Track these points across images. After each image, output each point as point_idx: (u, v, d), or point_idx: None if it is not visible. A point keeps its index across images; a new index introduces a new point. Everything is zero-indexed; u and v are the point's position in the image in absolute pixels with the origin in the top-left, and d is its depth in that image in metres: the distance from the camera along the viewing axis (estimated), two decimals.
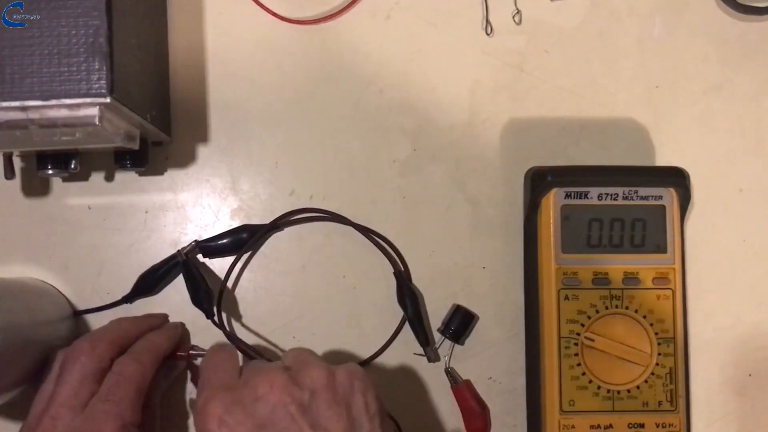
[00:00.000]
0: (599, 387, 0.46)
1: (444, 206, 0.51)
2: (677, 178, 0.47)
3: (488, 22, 0.51)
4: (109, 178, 0.50)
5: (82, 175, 0.49)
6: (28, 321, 0.44)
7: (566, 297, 0.46)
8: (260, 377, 0.38)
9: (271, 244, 0.50)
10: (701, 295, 0.50)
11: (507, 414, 0.50)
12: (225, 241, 0.49)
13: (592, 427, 0.46)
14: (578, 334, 0.46)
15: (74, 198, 0.50)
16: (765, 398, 0.51)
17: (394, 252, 0.50)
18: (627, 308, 0.47)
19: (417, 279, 0.50)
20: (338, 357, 0.50)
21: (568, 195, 0.47)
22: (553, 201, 0.47)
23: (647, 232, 0.47)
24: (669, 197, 0.47)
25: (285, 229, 0.50)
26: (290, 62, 0.51)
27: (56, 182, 0.50)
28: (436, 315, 0.50)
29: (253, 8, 0.50)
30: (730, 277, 0.51)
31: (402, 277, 0.49)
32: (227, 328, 0.49)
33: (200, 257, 0.50)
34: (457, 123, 0.51)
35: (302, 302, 0.50)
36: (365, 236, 0.50)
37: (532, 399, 0.48)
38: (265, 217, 0.50)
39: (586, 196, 0.47)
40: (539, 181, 0.47)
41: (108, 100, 0.38)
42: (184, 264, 0.48)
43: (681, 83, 0.51)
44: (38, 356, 0.43)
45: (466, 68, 0.51)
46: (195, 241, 0.49)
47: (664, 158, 0.51)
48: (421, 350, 0.49)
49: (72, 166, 0.44)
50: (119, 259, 0.49)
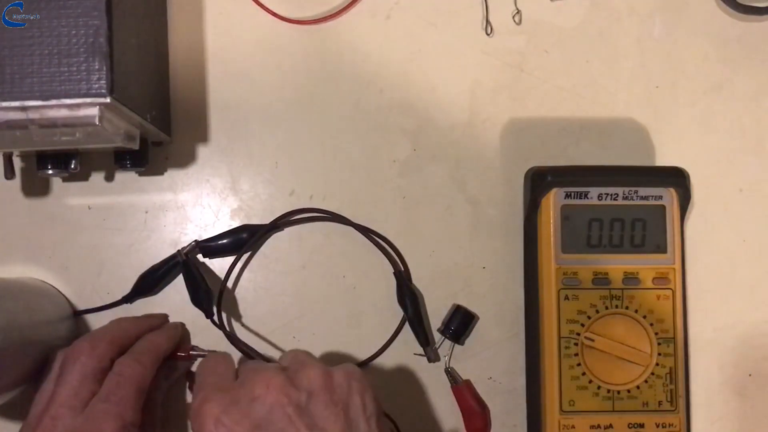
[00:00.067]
0: (599, 387, 0.46)
1: (444, 206, 0.51)
2: (677, 178, 0.47)
3: (488, 22, 0.51)
4: (109, 178, 0.50)
5: (82, 175, 0.49)
6: (28, 321, 0.44)
7: (566, 297, 0.46)
8: (257, 378, 0.38)
9: (271, 244, 0.50)
10: (701, 295, 0.50)
11: (507, 414, 0.50)
12: (225, 241, 0.49)
13: (592, 427, 0.46)
14: (578, 334, 0.46)
15: (74, 198, 0.50)
16: (765, 398, 0.51)
17: (394, 252, 0.50)
18: (627, 308, 0.47)
19: (417, 279, 0.50)
20: (338, 357, 0.50)
21: (568, 195, 0.47)
22: (553, 201, 0.47)
23: (647, 232, 0.47)
24: (669, 197, 0.47)
25: (285, 229, 0.50)
26: (290, 62, 0.51)
27: (56, 182, 0.50)
28: (436, 315, 0.50)
29: (253, 8, 0.50)
30: (730, 277, 0.51)
31: (402, 277, 0.49)
32: (227, 328, 0.49)
33: (200, 257, 0.50)
34: (457, 123, 0.51)
35: (302, 302, 0.50)
36: (365, 236, 0.50)
37: (532, 399, 0.48)
38: (265, 217, 0.50)
39: (586, 196, 0.47)
40: (539, 181, 0.47)
41: (108, 100, 0.38)
42: (184, 264, 0.48)
43: (681, 83, 0.51)
44: (38, 356, 0.43)
45: (466, 68, 0.51)
46: (195, 241, 0.49)
47: (664, 158, 0.51)
48: (421, 350, 0.49)
49: (72, 166, 0.44)
50: (119, 259, 0.49)
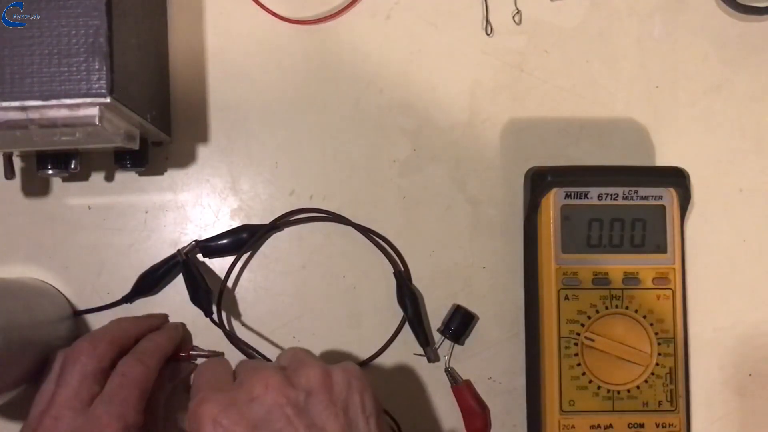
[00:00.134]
0: (599, 387, 0.46)
1: (444, 206, 0.50)
2: (677, 178, 0.47)
3: (488, 22, 0.51)
4: (109, 178, 0.50)
5: (82, 175, 0.49)
6: (28, 321, 0.44)
7: (566, 297, 0.46)
8: (255, 378, 0.37)
9: (271, 244, 0.50)
10: (701, 295, 0.50)
11: (507, 414, 0.50)
12: (225, 241, 0.49)
13: (592, 427, 0.46)
14: (578, 334, 0.46)
15: (74, 198, 0.50)
16: (765, 398, 0.51)
17: (394, 252, 0.50)
18: (627, 308, 0.47)
19: (417, 279, 0.50)
20: (338, 357, 0.50)
21: (568, 195, 0.47)
22: (553, 201, 0.47)
23: (647, 232, 0.47)
24: (669, 197, 0.47)
25: (285, 229, 0.50)
26: (290, 62, 0.51)
27: (56, 182, 0.50)
28: (436, 315, 0.50)
29: (253, 8, 0.50)
30: (730, 277, 0.51)
31: (402, 277, 0.49)
32: (226, 327, 0.49)
33: (200, 257, 0.50)
34: (457, 123, 0.51)
35: (302, 302, 0.50)
36: (365, 236, 0.50)
37: (532, 399, 0.48)
38: (265, 217, 0.50)
39: (586, 196, 0.47)
40: (539, 181, 0.47)
41: (108, 100, 0.37)
42: (184, 263, 0.48)
43: (681, 83, 0.51)
44: (38, 356, 0.43)
45: (466, 68, 0.51)
46: (195, 241, 0.49)
47: (664, 158, 0.51)
48: (421, 350, 0.49)
49: (72, 166, 0.44)
50: (119, 259, 0.49)
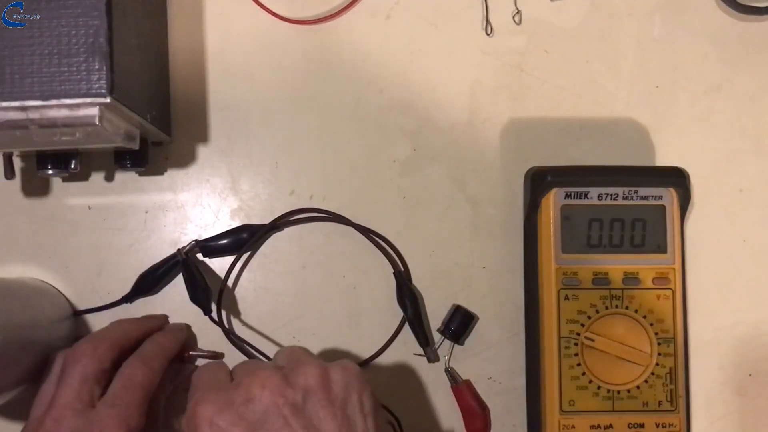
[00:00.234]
0: (599, 387, 0.46)
1: (444, 206, 0.50)
2: (677, 178, 0.47)
3: (488, 22, 0.51)
4: (109, 178, 0.50)
5: (82, 175, 0.49)
6: (28, 321, 0.44)
7: (566, 297, 0.46)
8: (252, 378, 0.37)
9: (271, 244, 0.50)
10: (701, 295, 0.50)
11: (507, 414, 0.50)
12: (225, 241, 0.49)
13: (592, 427, 0.46)
14: (578, 334, 0.46)
15: (74, 198, 0.50)
16: (765, 398, 0.51)
17: (394, 252, 0.50)
18: (627, 308, 0.47)
19: (417, 279, 0.50)
20: (338, 357, 0.49)
21: (568, 195, 0.47)
22: (553, 201, 0.47)
23: (647, 232, 0.47)
24: (669, 197, 0.47)
25: (285, 229, 0.50)
26: (290, 62, 0.51)
27: (56, 182, 0.50)
28: (436, 315, 0.50)
29: (253, 8, 0.50)
30: (730, 277, 0.51)
31: (402, 277, 0.49)
32: (226, 326, 0.49)
33: (200, 257, 0.50)
34: (457, 123, 0.51)
35: (302, 302, 0.50)
36: (365, 236, 0.50)
37: (532, 399, 0.48)
38: (265, 217, 0.50)
39: (586, 196, 0.47)
40: (539, 181, 0.47)
41: (108, 100, 0.37)
42: (184, 262, 0.48)
43: (681, 83, 0.51)
44: (38, 356, 0.43)
45: (466, 68, 0.51)
46: (195, 241, 0.49)
47: (664, 158, 0.51)
48: (421, 350, 0.49)
49: (72, 166, 0.44)
50: (119, 259, 0.49)
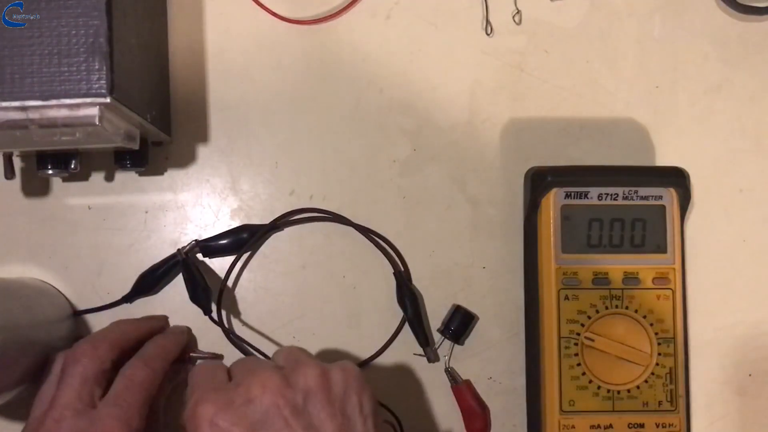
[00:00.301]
0: (599, 387, 0.46)
1: (444, 206, 0.50)
2: (677, 178, 0.47)
3: (488, 22, 0.51)
4: (109, 178, 0.50)
5: (82, 175, 0.49)
6: (28, 321, 0.44)
7: (566, 297, 0.46)
8: (253, 378, 0.37)
9: (271, 244, 0.50)
10: (701, 295, 0.50)
11: (507, 414, 0.50)
12: (225, 241, 0.49)
13: (592, 427, 0.46)
14: (578, 334, 0.46)
15: (74, 198, 0.50)
16: (765, 398, 0.51)
17: (394, 252, 0.50)
18: (627, 308, 0.47)
19: (417, 279, 0.50)
20: (338, 357, 0.50)
21: (568, 195, 0.47)
22: (553, 201, 0.47)
23: (647, 232, 0.47)
24: (669, 197, 0.47)
25: (285, 229, 0.50)
26: (290, 62, 0.51)
27: (56, 182, 0.50)
28: (436, 315, 0.50)
29: (253, 8, 0.50)
30: (730, 277, 0.51)
31: (402, 277, 0.49)
32: (226, 326, 0.49)
33: (200, 257, 0.50)
34: (457, 123, 0.51)
35: (302, 302, 0.50)
36: (365, 236, 0.50)
37: (532, 399, 0.48)
38: (265, 217, 0.50)
39: (586, 196, 0.47)
40: (539, 181, 0.47)
41: (108, 100, 0.37)
42: (184, 262, 0.48)
43: (681, 83, 0.51)
44: (38, 356, 0.43)
45: (466, 68, 0.51)
46: (195, 241, 0.49)
47: (664, 158, 0.51)
48: (421, 350, 0.49)
49: (72, 166, 0.44)
50: (119, 259, 0.49)
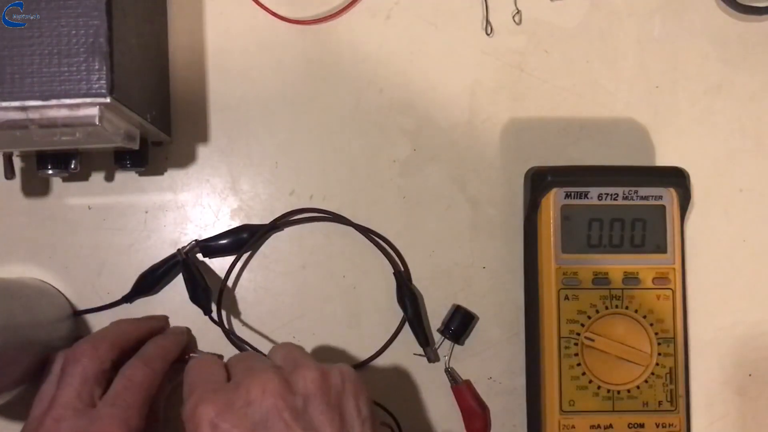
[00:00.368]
0: (599, 387, 0.46)
1: (444, 206, 0.50)
2: (677, 178, 0.47)
3: (488, 22, 0.51)
4: (109, 178, 0.50)
5: (82, 175, 0.49)
6: (28, 321, 0.44)
7: (566, 297, 0.46)
8: (253, 381, 0.37)
9: (271, 244, 0.50)
10: (701, 295, 0.50)
11: (507, 414, 0.50)
12: (225, 241, 0.49)
13: (592, 427, 0.46)
14: (578, 334, 0.46)
15: (74, 198, 0.50)
16: (765, 398, 0.51)
17: (394, 252, 0.50)
18: (627, 308, 0.47)
19: (417, 279, 0.50)
20: (338, 357, 0.50)
21: (568, 195, 0.47)
22: (553, 201, 0.47)
23: (647, 232, 0.47)
24: (669, 197, 0.47)
25: (285, 229, 0.50)
26: (290, 62, 0.51)
27: (56, 182, 0.50)
28: (436, 315, 0.50)
29: (253, 8, 0.50)
30: (730, 277, 0.51)
31: (402, 278, 0.49)
32: (225, 326, 0.49)
33: (200, 257, 0.50)
34: (457, 123, 0.51)
35: (302, 302, 0.50)
36: (365, 236, 0.50)
37: (532, 399, 0.48)
38: (265, 217, 0.50)
39: (586, 196, 0.47)
40: (539, 181, 0.47)
41: (108, 100, 0.37)
42: (184, 262, 0.48)
43: (681, 83, 0.51)
44: (38, 356, 0.43)
45: (466, 68, 0.51)
46: (195, 241, 0.49)
47: (664, 158, 0.51)
48: (421, 350, 0.49)
49: (72, 166, 0.44)
50: (119, 259, 0.49)
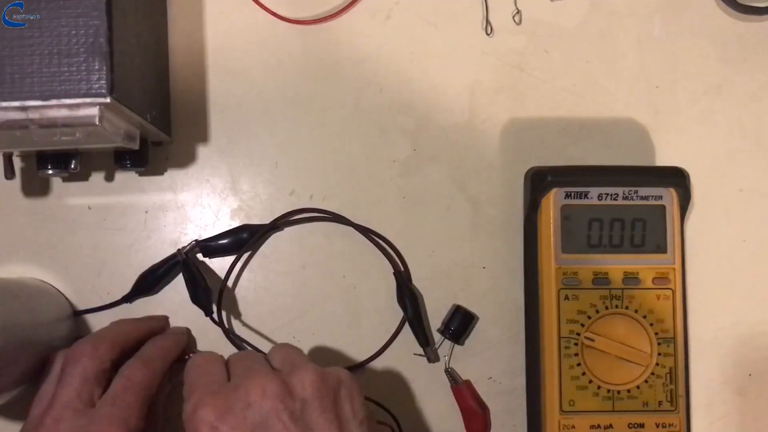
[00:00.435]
0: (599, 387, 0.46)
1: (444, 206, 0.50)
2: (677, 178, 0.47)
3: (488, 22, 0.51)
4: (109, 178, 0.50)
5: (82, 175, 0.49)
6: (28, 321, 0.44)
7: (566, 297, 0.46)
8: (252, 383, 0.37)
9: (271, 244, 0.50)
10: (701, 295, 0.50)
11: (507, 414, 0.50)
12: (225, 241, 0.49)
13: (592, 427, 0.46)
14: (578, 334, 0.46)
15: (74, 198, 0.50)
16: (765, 398, 0.51)
17: (394, 252, 0.50)
18: (627, 308, 0.47)
19: (417, 279, 0.50)
20: (338, 357, 0.50)
21: (568, 195, 0.47)
22: (553, 201, 0.47)
23: (647, 232, 0.47)
24: (669, 197, 0.47)
25: (285, 229, 0.50)
26: (290, 62, 0.51)
27: (56, 182, 0.50)
28: (436, 315, 0.50)
29: (253, 8, 0.50)
30: (730, 277, 0.51)
31: (402, 278, 0.49)
32: (226, 326, 0.49)
33: (200, 257, 0.50)
34: (457, 123, 0.51)
35: (302, 302, 0.50)
36: (365, 236, 0.50)
37: (532, 399, 0.48)
38: (265, 217, 0.50)
39: (586, 196, 0.47)
40: (539, 181, 0.47)
41: (108, 100, 0.37)
42: (184, 263, 0.48)
43: (681, 83, 0.51)
44: (38, 356, 0.43)
45: (466, 68, 0.51)
46: (195, 241, 0.49)
47: (664, 158, 0.51)
48: (421, 350, 0.49)
49: (72, 166, 0.44)
50: (119, 259, 0.49)
